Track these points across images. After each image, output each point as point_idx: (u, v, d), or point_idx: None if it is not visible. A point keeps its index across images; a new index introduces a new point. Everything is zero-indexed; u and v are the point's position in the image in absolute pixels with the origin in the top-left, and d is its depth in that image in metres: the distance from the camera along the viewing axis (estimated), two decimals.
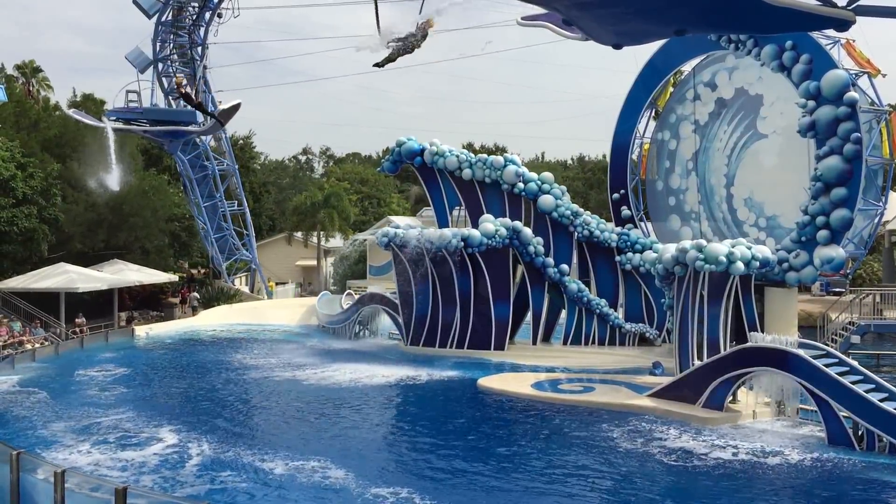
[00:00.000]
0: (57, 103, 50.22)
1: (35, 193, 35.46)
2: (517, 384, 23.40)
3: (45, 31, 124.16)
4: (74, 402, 21.50)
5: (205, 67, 42.34)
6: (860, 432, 16.99)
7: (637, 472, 15.67)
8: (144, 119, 39.91)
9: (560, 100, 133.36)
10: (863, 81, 26.55)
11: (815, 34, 25.32)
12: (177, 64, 41.89)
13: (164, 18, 40.78)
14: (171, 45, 41.58)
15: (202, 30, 41.92)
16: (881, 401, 16.84)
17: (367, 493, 13.93)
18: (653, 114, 33.94)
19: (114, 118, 39.70)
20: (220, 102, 41.81)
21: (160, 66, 41.34)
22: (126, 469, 15.34)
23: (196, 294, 43.32)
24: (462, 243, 28.81)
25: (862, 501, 14.22)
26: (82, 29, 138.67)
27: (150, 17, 40.59)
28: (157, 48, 41.07)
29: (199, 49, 41.94)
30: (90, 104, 46.79)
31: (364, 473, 15.01)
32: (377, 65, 18.56)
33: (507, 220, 29.62)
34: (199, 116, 39.97)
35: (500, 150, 79.84)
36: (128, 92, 40.01)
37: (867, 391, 17.11)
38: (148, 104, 40.24)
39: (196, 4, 40.98)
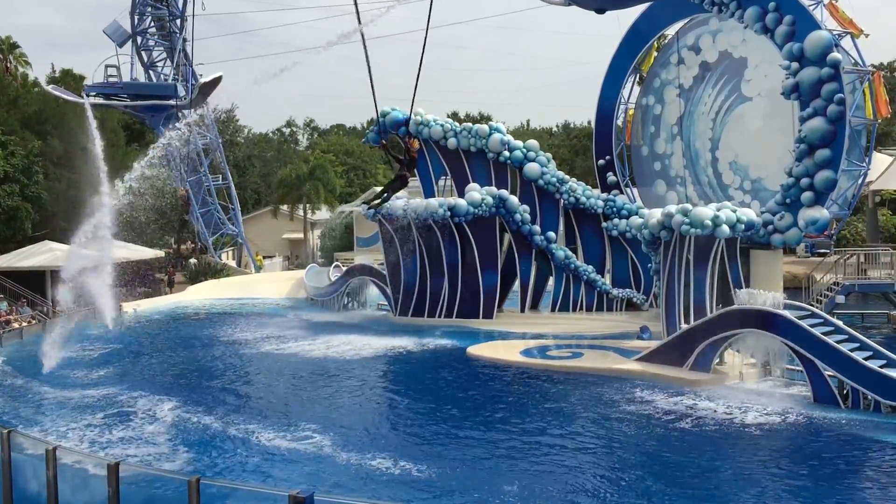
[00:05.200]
0: (36, 80, 49.46)
1: (16, 172, 35.10)
2: (506, 352, 23.54)
3: (21, 7, 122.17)
4: (64, 379, 21.46)
5: (184, 40, 41.84)
6: (845, 391, 17.20)
7: (627, 434, 15.82)
8: (125, 94, 39.55)
9: (544, 67, 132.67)
10: (846, 42, 26.53)
11: None
12: (156, 37, 41.37)
13: None
14: (150, 17, 41.01)
15: (181, 2, 41.35)
16: (866, 359, 17.06)
17: (355, 461, 14.02)
18: (637, 79, 33.82)
19: (94, 94, 39.32)
20: (201, 76, 41.53)
21: (139, 39, 40.81)
22: (118, 445, 15.35)
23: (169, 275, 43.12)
24: (448, 213, 28.78)
25: (848, 458, 14.43)
26: (59, 3, 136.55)
27: None
28: (136, 21, 40.50)
29: (178, 21, 41.38)
30: (69, 80, 46.16)
31: (353, 442, 15.10)
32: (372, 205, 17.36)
33: (494, 189, 29.58)
34: (181, 90, 39.54)
35: (484, 119, 79.48)
36: (107, 66, 39.64)
37: (852, 350, 17.32)
38: (127, 78, 39.83)
39: None
